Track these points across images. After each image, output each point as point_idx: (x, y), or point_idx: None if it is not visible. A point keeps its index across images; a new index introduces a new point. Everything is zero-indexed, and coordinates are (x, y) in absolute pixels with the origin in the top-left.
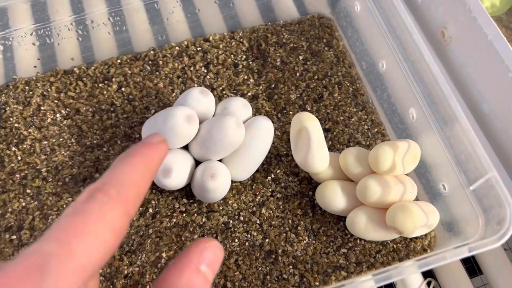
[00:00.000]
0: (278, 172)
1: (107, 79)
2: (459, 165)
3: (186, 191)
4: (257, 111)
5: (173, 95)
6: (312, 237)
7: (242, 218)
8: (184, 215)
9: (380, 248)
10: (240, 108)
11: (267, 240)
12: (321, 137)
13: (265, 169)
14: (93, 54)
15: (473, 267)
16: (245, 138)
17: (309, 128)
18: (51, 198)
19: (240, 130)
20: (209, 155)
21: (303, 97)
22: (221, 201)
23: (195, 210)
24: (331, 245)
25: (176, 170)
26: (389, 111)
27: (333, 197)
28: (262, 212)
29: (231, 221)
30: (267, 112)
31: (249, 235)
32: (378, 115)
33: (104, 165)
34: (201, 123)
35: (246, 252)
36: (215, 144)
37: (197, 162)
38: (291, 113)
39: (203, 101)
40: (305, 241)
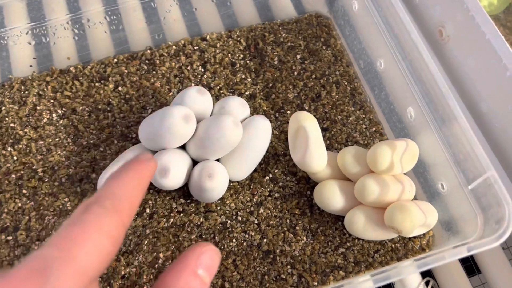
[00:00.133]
0: (276, 171)
1: (103, 79)
2: (457, 164)
3: (184, 191)
4: (255, 110)
5: (170, 94)
6: (310, 236)
7: (240, 218)
8: (182, 215)
9: (378, 248)
10: (237, 107)
11: (265, 240)
12: (319, 137)
13: (263, 168)
14: (90, 53)
15: (471, 266)
16: (243, 137)
17: (307, 128)
18: (47, 198)
19: (238, 130)
20: (206, 155)
21: (300, 96)
22: (219, 201)
23: (193, 210)
24: (329, 244)
25: (173, 170)
26: (387, 110)
27: (331, 197)
28: (260, 212)
29: (228, 221)
30: (264, 111)
31: (247, 235)
32: (376, 114)
33: (101, 165)
34: (198, 123)
35: (244, 252)
36: (213, 144)
37: (195, 162)
38: (288, 112)
39: (200, 101)
40: (303, 241)
